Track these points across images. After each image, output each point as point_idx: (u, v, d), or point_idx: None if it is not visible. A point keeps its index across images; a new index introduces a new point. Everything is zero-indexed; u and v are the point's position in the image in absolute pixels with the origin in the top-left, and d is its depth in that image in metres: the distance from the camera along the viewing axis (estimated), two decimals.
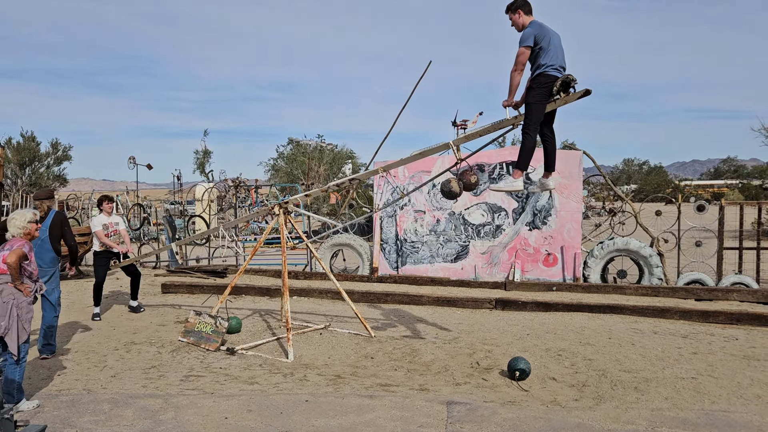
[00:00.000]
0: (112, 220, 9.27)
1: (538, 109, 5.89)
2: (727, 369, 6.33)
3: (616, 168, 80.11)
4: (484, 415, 5.13)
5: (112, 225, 9.23)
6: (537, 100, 5.87)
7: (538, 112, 5.89)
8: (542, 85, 5.79)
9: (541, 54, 5.76)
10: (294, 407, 5.32)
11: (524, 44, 5.74)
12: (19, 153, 41.18)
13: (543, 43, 5.73)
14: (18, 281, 5.18)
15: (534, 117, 5.89)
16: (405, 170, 12.94)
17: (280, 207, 8.04)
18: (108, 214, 9.25)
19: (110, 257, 9.19)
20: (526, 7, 5.98)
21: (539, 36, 5.74)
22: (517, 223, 12.30)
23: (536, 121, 5.89)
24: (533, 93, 5.88)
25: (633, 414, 5.13)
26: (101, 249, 9.13)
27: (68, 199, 31.11)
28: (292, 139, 45.62)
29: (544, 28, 5.82)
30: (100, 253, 9.15)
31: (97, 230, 9.06)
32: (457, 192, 6.40)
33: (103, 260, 9.16)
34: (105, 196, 9.47)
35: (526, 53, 5.75)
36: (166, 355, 7.03)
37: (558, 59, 5.82)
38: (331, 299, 10.39)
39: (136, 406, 5.35)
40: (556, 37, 5.89)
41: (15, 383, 5.18)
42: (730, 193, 44.75)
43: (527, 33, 5.78)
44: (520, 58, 5.78)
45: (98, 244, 9.14)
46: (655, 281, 11.36)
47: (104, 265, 9.15)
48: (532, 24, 5.88)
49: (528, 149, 5.91)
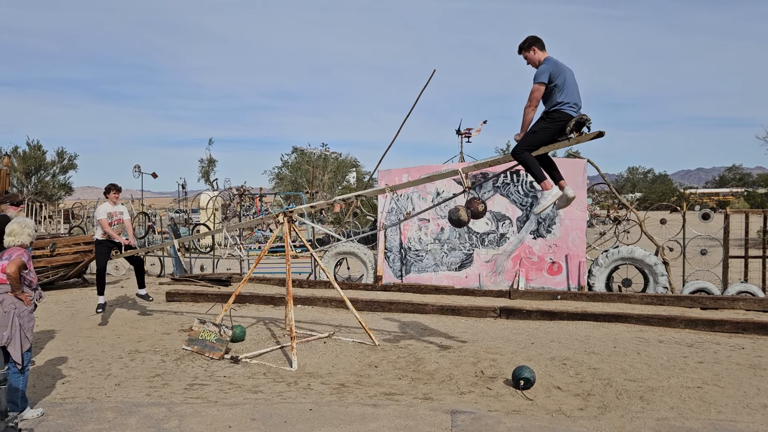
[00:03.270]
0: (116, 209, 9.25)
1: (536, 138, 5.76)
2: (733, 378, 6.29)
3: (620, 176, 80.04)
4: (489, 424, 5.11)
5: (116, 214, 9.22)
6: (542, 132, 5.76)
7: (534, 140, 5.77)
8: (555, 120, 5.69)
9: (556, 91, 5.67)
10: (298, 416, 5.31)
11: (538, 81, 5.66)
12: (25, 162, 41.42)
13: (558, 81, 5.65)
14: (18, 290, 5.20)
15: (528, 142, 5.76)
16: (409, 179, 12.95)
17: (284, 216, 8.06)
18: (113, 203, 9.22)
19: (112, 246, 9.16)
20: (539, 44, 5.91)
21: (554, 73, 5.65)
22: (521, 231, 12.28)
23: (528, 146, 5.77)
24: (542, 124, 5.78)
25: (638, 423, 5.10)
26: (103, 237, 9.10)
27: (74, 208, 31.24)
28: (296, 148, 45.78)
29: (560, 65, 5.73)
30: (102, 242, 9.12)
31: (101, 218, 9.04)
32: (466, 221, 6.38)
33: (105, 248, 9.12)
34: (113, 185, 9.39)
35: (540, 90, 5.66)
36: (170, 364, 7.03)
37: (574, 97, 5.72)
38: (335, 308, 10.39)
39: (140, 415, 5.34)
40: (570, 73, 5.80)
41: (19, 392, 5.18)
42: (736, 202, 44.62)
43: (542, 69, 5.70)
44: (535, 95, 5.69)
45: (100, 232, 9.11)
46: (661, 290, 11.32)
47: (105, 254, 9.12)
48: (547, 60, 5.79)
49: (531, 163, 5.77)
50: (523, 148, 5.77)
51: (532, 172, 5.81)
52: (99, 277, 9.11)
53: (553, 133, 5.76)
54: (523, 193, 12.24)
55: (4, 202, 7.19)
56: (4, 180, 14.52)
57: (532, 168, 5.77)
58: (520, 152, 5.77)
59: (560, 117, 5.67)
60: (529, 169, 5.83)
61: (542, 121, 5.82)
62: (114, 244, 9.19)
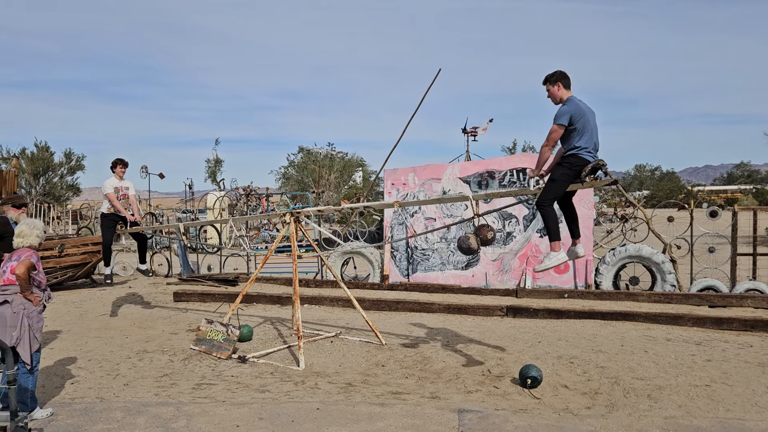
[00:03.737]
0: (123, 184, 9.26)
1: (559, 187, 5.77)
2: (741, 376, 6.27)
3: (627, 174, 79.73)
4: (496, 422, 5.12)
5: (123, 189, 9.23)
6: (562, 179, 5.75)
7: (558, 189, 5.78)
8: (573, 166, 5.66)
9: (576, 135, 5.62)
10: (305, 415, 5.33)
11: (559, 122, 5.60)
12: (33, 163, 41.64)
13: (578, 125, 5.59)
14: (28, 291, 5.24)
15: (553, 193, 5.77)
16: (415, 177, 12.96)
17: (291, 215, 8.08)
18: (120, 178, 9.23)
19: (117, 221, 9.18)
20: (566, 81, 5.83)
21: (576, 116, 5.58)
22: (527, 230, 12.26)
23: (554, 197, 5.77)
24: (561, 170, 5.75)
25: (646, 422, 5.09)
26: (108, 211, 9.12)
27: (81, 209, 31.40)
28: (302, 148, 45.84)
29: (581, 108, 5.66)
30: (108, 216, 9.14)
31: (108, 192, 9.05)
32: (475, 248, 6.37)
33: (110, 222, 9.14)
34: (120, 160, 9.38)
35: (559, 132, 5.61)
36: (178, 364, 7.07)
37: (592, 141, 5.67)
38: (342, 307, 10.40)
39: (149, 414, 5.38)
40: (592, 115, 5.74)
41: (29, 392, 5.22)
42: (744, 199, 44.37)
43: (564, 111, 5.62)
44: (553, 135, 5.64)
45: (106, 206, 9.12)
46: (668, 288, 11.28)
47: (111, 227, 9.15)
48: (570, 101, 5.71)
49: (551, 219, 5.73)
50: (548, 199, 5.75)
51: (549, 229, 5.74)
52: (105, 251, 9.15)
53: (571, 178, 5.74)
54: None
55: (6, 203, 7.19)
56: (12, 181, 14.62)
57: (551, 225, 5.70)
58: (546, 205, 5.75)
59: (578, 162, 5.64)
60: (547, 224, 5.75)
61: (560, 167, 5.78)
62: (119, 218, 9.18)
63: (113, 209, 9.13)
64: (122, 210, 9.13)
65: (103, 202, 9.30)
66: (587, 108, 5.74)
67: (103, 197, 9.33)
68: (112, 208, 9.14)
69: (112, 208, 9.14)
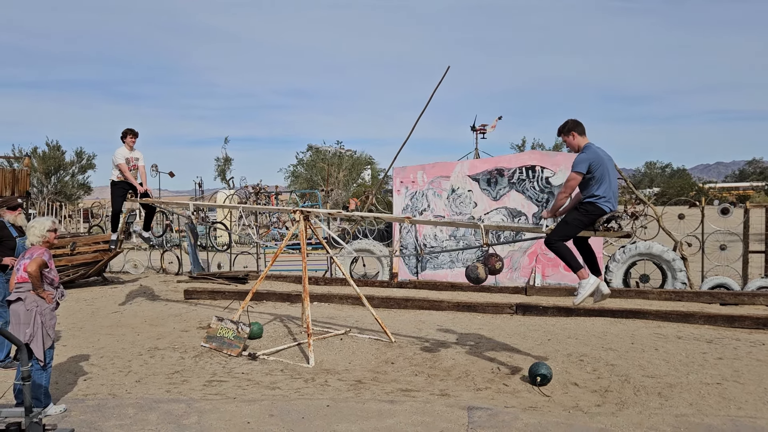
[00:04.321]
0: (133, 155, 9.28)
1: (571, 230, 5.79)
2: (753, 374, 6.23)
3: (638, 171, 79.25)
4: (506, 420, 5.12)
5: (133, 159, 9.26)
6: (575, 224, 5.76)
7: (569, 233, 5.79)
8: (589, 213, 5.67)
9: (594, 183, 5.62)
10: (315, 412, 5.35)
11: (577, 170, 5.59)
12: (44, 162, 41.98)
13: (597, 173, 5.58)
14: (40, 289, 5.29)
15: (563, 234, 5.78)
16: (424, 176, 12.95)
17: (301, 213, 8.10)
18: (130, 148, 9.25)
19: (127, 189, 9.23)
20: (579, 128, 5.83)
21: (594, 164, 5.58)
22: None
23: (563, 238, 5.78)
24: (576, 215, 5.75)
25: (657, 420, 5.08)
26: (119, 179, 9.18)
27: (93, 207, 31.63)
28: (311, 146, 45.91)
29: (600, 155, 5.65)
30: (118, 184, 9.20)
31: (120, 163, 9.09)
32: (484, 278, 6.39)
33: (120, 191, 9.21)
34: (130, 130, 9.38)
35: (578, 179, 5.62)
36: (189, 361, 7.12)
37: (610, 190, 5.66)
38: (352, 305, 10.43)
39: (160, 411, 5.42)
40: (610, 162, 5.74)
41: (42, 388, 5.28)
42: (756, 196, 43.98)
43: (582, 159, 5.62)
44: (571, 183, 5.65)
45: (116, 174, 9.17)
46: (679, 285, 11.22)
47: (121, 196, 9.22)
48: (588, 149, 5.71)
49: (565, 253, 5.73)
50: (556, 238, 5.77)
51: (567, 262, 5.72)
52: (113, 218, 9.22)
53: (585, 225, 5.76)
54: (539, 189, 12.18)
55: (1, 207, 7.16)
56: (24, 180, 14.76)
57: (567, 257, 5.69)
58: (554, 242, 5.76)
59: (594, 211, 5.65)
60: (564, 259, 5.74)
61: (576, 212, 5.77)
62: (130, 187, 9.23)
63: (123, 177, 9.15)
64: (133, 181, 9.18)
65: (113, 170, 9.30)
66: (605, 155, 5.75)
67: (113, 166, 9.31)
68: (122, 176, 9.17)
69: (122, 176, 9.17)
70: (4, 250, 6.91)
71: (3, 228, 6.94)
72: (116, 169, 9.23)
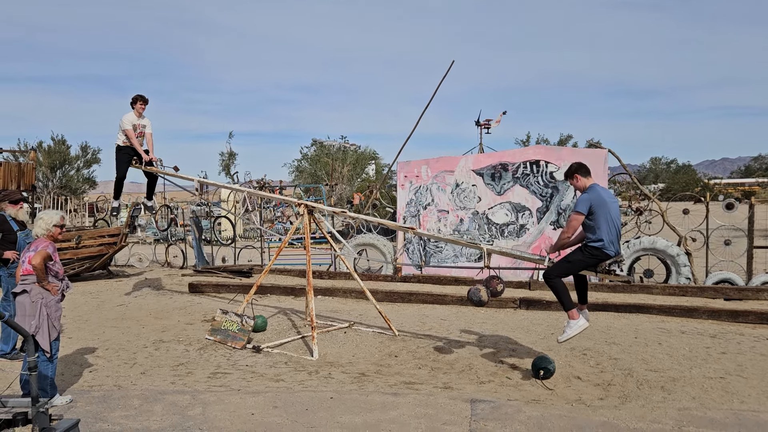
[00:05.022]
0: (141, 122, 9.22)
1: (572, 269, 5.85)
2: (757, 369, 6.23)
3: (643, 167, 78.99)
4: (508, 413, 5.14)
5: (140, 126, 9.20)
6: (577, 264, 5.82)
7: (569, 271, 5.85)
8: (593, 256, 5.72)
9: (597, 224, 5.66)
10: (319, 404, 5.38)
11: (578, 210, 5.67)
12: (50, 156, 42.09)
13: (599, 213, 5.64)
14: (45, 281, 5.32)
15: (563, 271, 5.83)
16: (428, 170, 12.95)
17: (305, 206, 8.12)
18: (138, 115, 9.18)
19: (132, 155, 9.17)
20: (582, 171, 5.91)
21: (596, 205, 5.64)
22: (541, 222, 12.23)
23: (563, 275, 5.83)
24: (579, 256, 5.80)
25: (659, 413, 5.09)
26: (124, 144, 9.11)
27: (98, 201, 31.73)
28: (315, 141, 45.89)
29: (602, 196, 5.71)
30: (123, 149, 9.13)
31: (127, 129, 9.02)
32: (486, 301, 6.44)
33: (125, 156, 9.14)
34: (140, 96, 9.29)
35: (579, 220, 5.68)
36: (193, 353, 7.16)
37: (613, 233, 5.71)
38: (355, 299, 10.45)
39: (165, 402, 5.46)
40: (613, 204, 5.79)
41: (48, 379, 5.32)
42: (762, 192, 43.82)
43: (583, 199, 5.70)
44: (573, 224, 5.72)
45: (122, 139, 9.10)
46: (683, 281, 11.20)
47: (126, 162, 9.16)
48: (591, 190, 5.78)
49: (560, 291, 5.77)
50: (555, 274, 5.83)
51: (561, 299, 5.78)
52: (117, 184, 9.16)
53: (587, 266, 5.82)
54: (543, 184, 12.17)
55: (3, 200, 7.14)
56: (30, 174, 14.82)
57: (562, 295, 5.75)
58: (552, 278, 5.80)
59: (598, 255, 5.71)
60: (558, 296, 5.80)
61: (580, 253, 5.82)
62: (135, 153, 9.15)
63: (129, 143, 9.09)
64: (139, 148, 9.09)
65: (119, 135, 9.20)
66: (609, 196, 5.81)
67: (119, 130, 9.22)
68: (127, 141, 9.09)
69: (128, 141, 9.09)
70: (6, 244, 6.92)
71: (4, 222, 6.95)
72: (122, 134, 9.11)
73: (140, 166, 9.31)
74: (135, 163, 9.32)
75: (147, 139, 9.33)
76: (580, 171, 5.94)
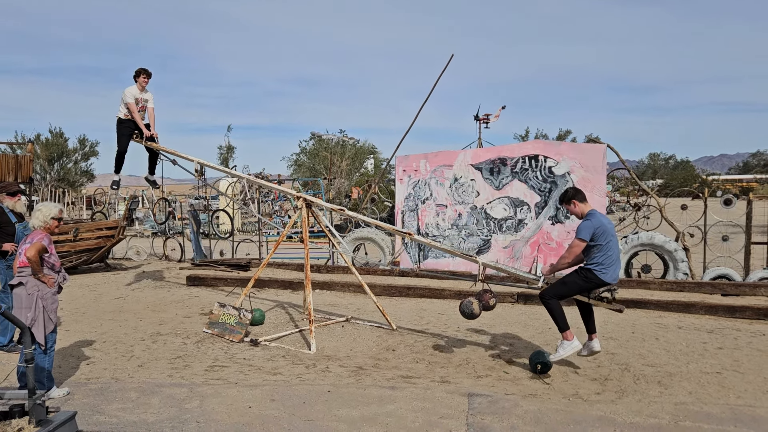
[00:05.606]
0: (143, 96, 9.14)
1: (567, 291, 5.84)
2: (753, 364, 6.25)
3: (641, 162, 79.01)
4: (506, 407, 5.15)
5: (142, 101, 9.13)
6: (573, 287, 5.82)
7: (564, 293, 5.84)
8: (590, 281, 5.73)
9: (597, 250, 5.67)
10: (316, 397, 5.39)
11: (580, 237, 5.68)
12: (47, 149, 42.00)
13: (600, 240, 5.64)
14: (40, 273, 5.31)
15: (558, 293, 5.82)
16: (427, 164, 12.93)
17: (304, 200, 8.10)
18: (141, 89, 9.11)
19: (134, 129, 9.10)
20: (579, 196, 5.92)
21: (597, 232, 5.65)
22: (539, 217, 12.23)
23: (557, 297, 5.82)
24: (576, 278, 5.80)
25: (656, 408, 5.10)
26: (126, 117, 9.03)
27: (95, 194, 31.68)
28: (314, 134, 45.81)
29: (603, 223, 5.71)
30: (124, 122, 9.06)
31: (129, 102, 8.96)
32: (478, 314, 6.46)
33: (127, 130, 9.07)
34: (144, 69, 9.21)
35: (581, 246, 5.69)
36: (191, 346, 7.16)
37: (612, 259, 5.71)
38: (353, 293, 10.46)
39: (163, 395, 5.46)
40: (611, 229, 5.80)
41: (45, 371, 5.32)
42: (760, 188, 43.88)
43: (586, 226, 5.69)
44: (575, 250, 5.72)
45: (123, 112, 9.04)
46: (681, 276, 11.22)
47: (127, 135, 9.08)
48: (592, 216, 5.77)
49: (555, 311, 5.77)
50: (551, 295, 5.83)
51: (556, 320, 5.78)
52: (118, 158, 9.08)
53: (583, 290, 5.83)
54: (542, 179, 12.16)
55: (0, 192, 7.05)
56: (27, 166, 14.77)
57: (557, 316, 5.75)
58: (548, 299, 5.80)
59: (594, 279, 5.72)
60: (553, 316, 5.80)
61: (577, 275, 5.82)
62: (136, 127, 9.08)
63: (130, 116, 9.02)
64: (140, 122, 9.02)
65: (120, 107, 9.14)
66: (608, 222, 5.81)
67: (121, 103, 9.15)
68: (129, 114, 9.02)
69: (129, 114, 9.03)
70: (4, 236, 6.89)
71: (2, 214, 6.91)
72: (124, 106, 9.04)
73: (141, 140, 9.22)
74: (136, 138, 9.21)
75: (149, 114, 9.23)
76: (578, 197, 5.94)
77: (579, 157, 12.01)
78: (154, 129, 9.26)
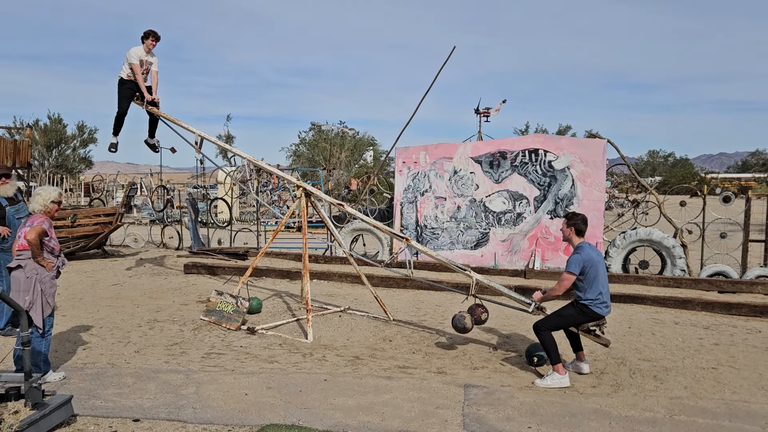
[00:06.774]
0: (148, 58, 8.94)
1: (562, 323, 5.86)
2: (748, 360, 6.27)
3: (640, 160, 78.98)
4: (501, 398, 5.16)
5: (147, 63, 8.94)
6: (568, 319, 5.83)
7: (559, 325, 5.86)
8: (584, 314, 5.74)
9: (587, 283, 5.69)
10: (313, 386, 5.39)
11: (570, 270, 5.70)
12: (46, 135, 41.87)
13: (590, 273, 5.67)
14: (40, 257, 5.30)
15: (553, 325, 5.84)
16: (427, 156, 12.91)
17: (303, 189, 8.08)
18: (148, 51, 8.90)
19: (135, 91, 8.93)
20: (580, 227, 5.91)
21: (587, 266, 5.67)
22: (538, 211, 12.23)
23: (553, 327, 5.83)
24: (572, 312, 5.81)
25: (651, 401, 5.12)
26: (128, 78, 8.86)
27: (93, 181, 31.60)
28: (314, 124, 45.70)
29: (592, 256, 5.73)
30: (126, 83, 8.88)
31: (133, 62, 8.77)
32: (470, 328, 6.46)
33: (128, 92, 8.90)
34: (152, 32, 8.94)
35: (571, 280, 5.71)
36: (188, 333, 7.16)
37: (604, 292, 5.74)
38: (351, 283, 10.46)
39: (159, 381, 5.46)
40: (601, 262, 5.81)
41: (42, 355, 5.32)
42: (758, 187, 43.93)
43: (576, 260, 5.71)
44: (565, 283, 5.74)
45: (126, 72, 8.86)
46: (678, 272, 11.24)
47: (128, 97, 8.92)
48: (582, 250, 5.79)
49: (549, 343, 5.76)
50: (545, 327, 5.83)
51: (549, 353, 5.78)
52: (117, 120, 8.93)
53: (578, 322, 5.85)
54: (541, 173, 12.16)
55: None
56: (26, 151, 14.72)
57: (550, 349, 5.75)
58: (542, 330, 5.80)
59: (590, 313, 5.72)
60: (546, 349, 5.80)
61: (572, 308, 5.83)
62: (138, 89, 8.95)
63: (133, 77, 8.87)
64: (142, 85, 8.86)
65: (124, 67, 8.94)
66: (597, 255, 5.83)
67: (125, 63, 8.96)
68: (132, 75, 8.86)
69: (132, 75, 8.87)
70: None
71: None
72: (127, 66, 8.87)
73: (142, 104, 9.07)
74: (137, 101, 9.08)
75: (152, 77, 9.06)
76: (579, 227, 5.91)
77: (579, 152, 12.00)
78: (156, 93, 9.08)
